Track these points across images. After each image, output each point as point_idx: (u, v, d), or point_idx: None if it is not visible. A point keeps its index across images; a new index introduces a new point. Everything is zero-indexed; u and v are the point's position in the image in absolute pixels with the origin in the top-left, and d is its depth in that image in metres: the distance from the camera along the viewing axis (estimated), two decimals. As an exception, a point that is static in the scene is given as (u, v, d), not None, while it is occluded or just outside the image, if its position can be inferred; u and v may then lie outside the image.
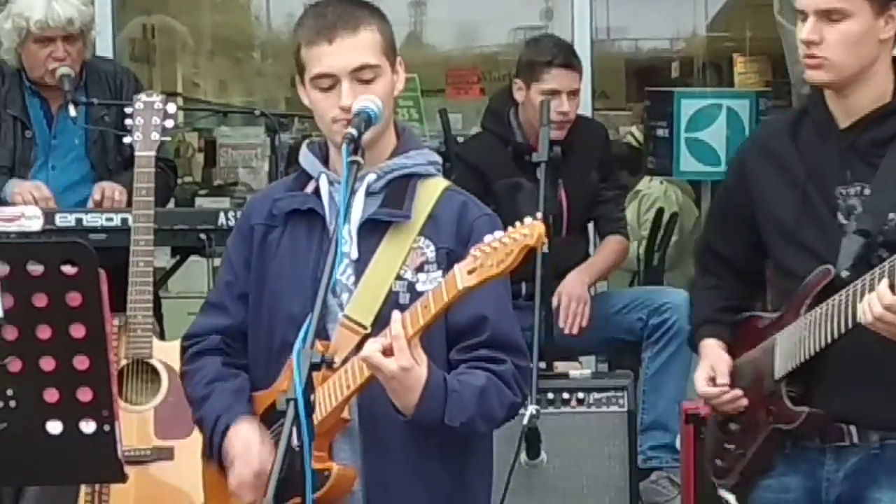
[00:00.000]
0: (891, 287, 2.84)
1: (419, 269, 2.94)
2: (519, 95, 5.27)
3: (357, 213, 2.97)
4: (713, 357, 3.36)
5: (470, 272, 2.64)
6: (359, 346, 2.80)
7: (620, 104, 6.71)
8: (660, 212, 6.60)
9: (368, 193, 2.97)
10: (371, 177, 2.97)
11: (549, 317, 4.80)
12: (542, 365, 4.50)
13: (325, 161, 3.03)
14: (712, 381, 3.32)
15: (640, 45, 6.80)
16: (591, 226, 5.64)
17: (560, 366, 4.89)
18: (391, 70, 2.99)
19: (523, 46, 5.50)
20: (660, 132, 5.36)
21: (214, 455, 3.02)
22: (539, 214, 2.80)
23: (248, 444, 2.92)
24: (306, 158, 3.07)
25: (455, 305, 2.75)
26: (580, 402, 4.41)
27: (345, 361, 2.80)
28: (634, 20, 6.68)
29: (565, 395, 4.42)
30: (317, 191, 3.03)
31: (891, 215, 3.06)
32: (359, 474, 2.92)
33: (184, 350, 3.18)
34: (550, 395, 4.36)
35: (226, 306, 3.13)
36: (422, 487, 2.95)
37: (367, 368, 2.73)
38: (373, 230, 2.97)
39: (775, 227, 3.29)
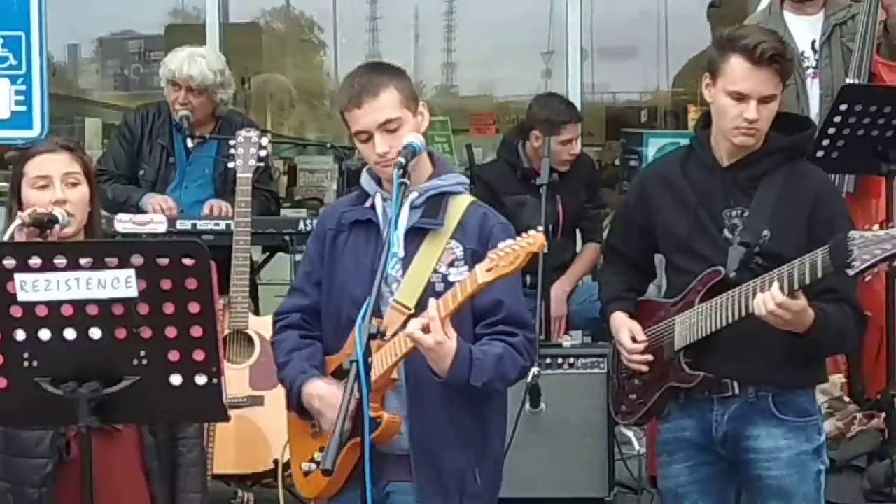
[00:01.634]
0: (781, 290, 2.91)
1: (451, 264, 2.95)
2: (536, 142, 5.19)
3: (403, 222, 2.96)
4: (630, 323, 3.39)
5: (488, 270, 2.67)
6: (404, 324, 2.82)
7: (601, 142, 6.69)
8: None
9: (412, 207, 2.97)
10: (414, 194, 2.96)
11: (548, 300, 4.84)
12: (542, 337, 4.54)
13: (380, 182, 3.03)
14: (633, 339, 3.34)
15: (617, 97, 6.77)
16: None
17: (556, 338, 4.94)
18: (413, 115, 2.98)
19: (533, 102, 5.45)
20: (632, 163, 5.37)
21: (294, 406, 3.04)
22: (540, 228, 2.81)
23: (323, 395, 2.93)
24: (366, 181, 3.07)
25: (478, 294, 2.75)
26: (571, 365, 4.39)
27: (394, 335, 2.81)
28: (613, 78, 6.65)
29: (559, 360, 4.41)
30: (373, 206, 3.03)
31: (764, 232, 3.16)
32: (404, 421, 2.93)
33: (274, 324, 3.19)
34: (548, 360, 4.36)
35: (305, 290, 3.15)
36: (453, 431, 2.95)
37: (410, 342, 2.74)
38: (415, 235, 2.97)
39: (671, 239, 3.36)
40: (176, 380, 2.46)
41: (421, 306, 2.84)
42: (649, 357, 3.32)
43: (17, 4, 4.35)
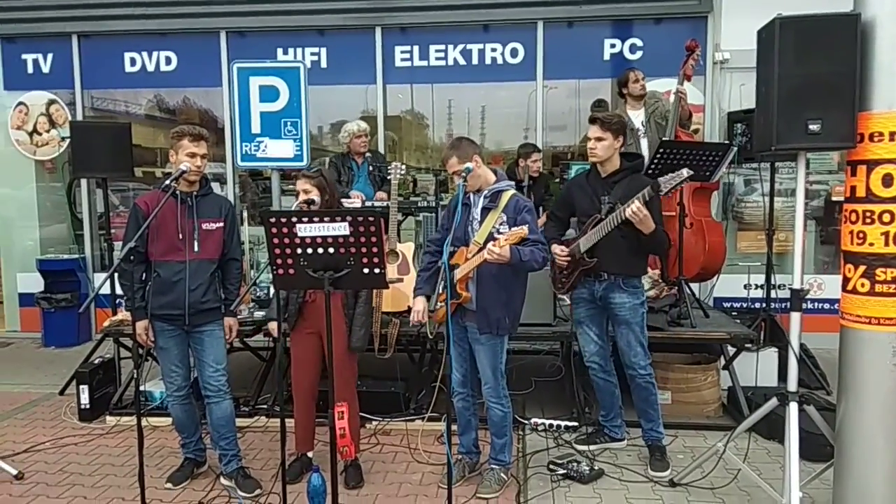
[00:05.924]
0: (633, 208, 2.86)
1: (501, 225, 2.86)
2: (520, 164, 5.04)
3: (480, 206, 2.90)
4: (558, 245, 3.32)
5: (506, 239, 2.65)
6: (479, 251, 2.78)
7: (550, 168, 6.51)
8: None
9: (484, 197, 2.90)
10: (486, 192, 2.89)
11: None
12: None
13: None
14: (561, 252, 3.28)
15: (557, 148, 6.67)
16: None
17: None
18: (471, 161, 2.88)
19: (518, 146, 5.29)
20: (565, 177, 5.26)
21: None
22: (525, 227, 2.72)
23: (417, 304, 2.92)
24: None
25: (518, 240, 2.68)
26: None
27: (474, 255, 2.80)
28: (556, 139, 6.55)
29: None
30: (469, 197, 2.98)
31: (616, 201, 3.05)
32: (473, 295, 2.89)
33: (427, 244, 3.14)
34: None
35: (440, 231, 3.02)
36: (495, 299, 2.89)
37: (481, 257, 2.72)
38: (485, 211, 2.89)
39: (579, 211, 3.28)
40: (366, 270, 2.45)
41: (485, 243, 2.78)
42: (568, 257, 3.26)
43: (296, 105, 4.35)
